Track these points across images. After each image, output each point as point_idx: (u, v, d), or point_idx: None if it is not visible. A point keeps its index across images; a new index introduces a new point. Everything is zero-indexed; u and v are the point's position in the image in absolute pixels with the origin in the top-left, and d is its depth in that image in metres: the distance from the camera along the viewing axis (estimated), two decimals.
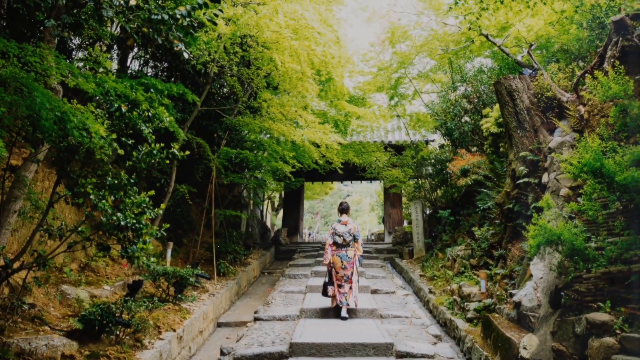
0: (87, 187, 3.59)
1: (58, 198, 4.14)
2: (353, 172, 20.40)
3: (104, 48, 6.90)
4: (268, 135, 13.41)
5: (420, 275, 14.48)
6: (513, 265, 8.24)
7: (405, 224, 23.79)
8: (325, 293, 10.51)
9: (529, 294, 5.32)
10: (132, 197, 3.77)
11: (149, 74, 9.97)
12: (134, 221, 3.74)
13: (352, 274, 10.02)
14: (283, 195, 25.31)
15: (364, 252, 11.58)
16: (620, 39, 6.14)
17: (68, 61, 3.41)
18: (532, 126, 7.96)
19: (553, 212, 4.16)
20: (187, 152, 5.41)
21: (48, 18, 2.93)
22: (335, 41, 9.17)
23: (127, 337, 6.44)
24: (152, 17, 3.05)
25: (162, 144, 4.39)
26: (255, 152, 12.42)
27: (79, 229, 3.95)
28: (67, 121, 3.03)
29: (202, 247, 13.26)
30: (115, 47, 9.17)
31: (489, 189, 12.12)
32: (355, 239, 10.30)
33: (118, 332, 6.10)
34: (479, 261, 11.07)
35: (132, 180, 3.74)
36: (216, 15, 2.99)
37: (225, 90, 12.53)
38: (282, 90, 11.06)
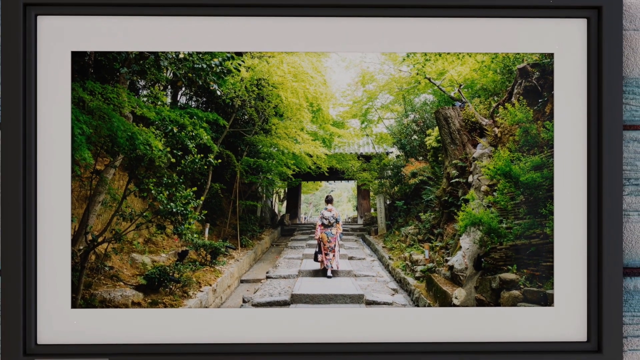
0: (149, 185, 3.58)
1: (129, 192, 4.13)
2: (336, 174, 20.14)
3: (161, 87, 6.78)
4: (276, 149, 13.23)
5: (383, 247, 14.39)
6: (448, 240, 8.20)
7: (372, 210, 23.52)
8: (315, 259, 10.48)
9: (459, 260, 5.27)
10: (181, 192, 3.76)
11: (192, 106, 9.85)
12: (182, 209, 3.73)
13: (335, 245, 10.00)
14: (286, 191, 25.00)
15: (344, 230, 11.52)
16: (523, 81, 6.13)
17: (136, 97, 3.39)
18: (461, 142, 7.92)
19: (476, 203, 4.13)
20: (219, 161, 5.37)
21: (122, 67, 2.92)
22: (323, 82, 9.03)
23: (177, 290, 6.43)
24: (195, 66, 3.06)
25: (202, 155, 4.36)
26: (267, 160, 12.27)
27: (144, 214, 3.93)
28: (135, 139, 3.04)
29: (229, 227, 13.14)
30: (169, 87, 9.04)
31: (431, 186, 12.10)
32: (337, 221, 10.28)
33: (171, 286, 6.07)
34: (424, 237, 10.99)
35: (181, 180, 3.72)
36: (240, 64, 2.99)
37: (245, 117, 12.35)
38: (286, 117, 10.91)
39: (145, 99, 2.27)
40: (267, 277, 2.92)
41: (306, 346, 1.95)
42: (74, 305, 1.94)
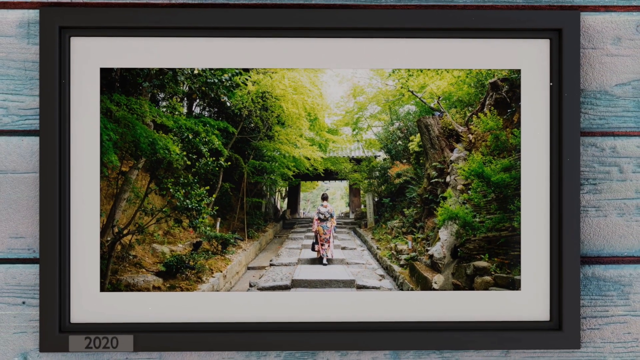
0: (168, 184, 3.57)
1: (150, 191, 4.12)
2: (330, 175, 20.09)
3: (178, 99, 6.76)
4: (278, 153, 13.13)
5: (372, 238, 14.33)
6: (428, 232, 8.14)
7: (362, 207, 23.47)
8: (313, 249, 10.45)
9: (438, 250, 5.27)
10: (195, 190, 3.75)
11: (205, 115, 9.76)
12: (197, 205, 3.72)
13: (330, 237, 9.96)
14: (287, 189, 24.89)
15: (337, 224, 11.51)
16: (494, 93, 6.13)
17: (156, 107, 3.37)
18: (440, 147, 7.88)
19: (453, 200, 4.12)
20: (229, 163, 5.35)
21: (144, 81, 2.91)
22: (319, 95, 8.97)
23: (192, 276, 6.41)
24: (208, 80, 3.05)
25: (214, 158, 4.36)
26: (270, 163, 12.16)
27: (163, 209, 3.92)
28: (156, 144, 3.03)
29: (238, 220, 13.08)
30: (185, 98, 8.98)
31: (413, 185, 12.03)
32: (331, 216, 10.24)
33: (187, 273, 6.04)
34: (407, 230, 10.92)
35: (195, 180, 3.71)
36: (247, 79, 2.99)
37: (252, 125, 12.23)
38: (287, 125, 10.81)
39: (164, 110, 2.28)
40: (271, 265, 2.93)
41: (305, 324, 1.96)
42: (103, 289, 1.95)
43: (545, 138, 1.94)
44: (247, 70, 2.21)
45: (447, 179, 2.56)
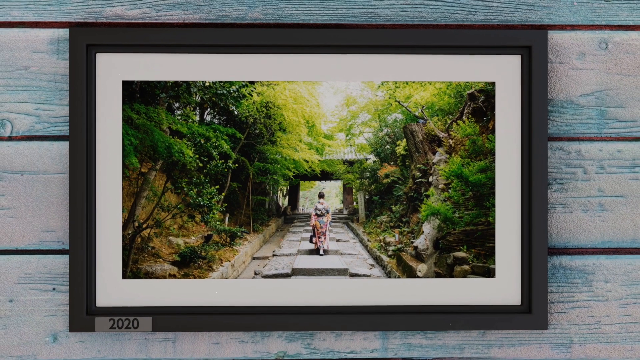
0: (182, 184, 3.57)
1: (167, 189, 4.13)
2: (326, 175, 19.91)
3: (191, 108, 6.70)
4: (280, 156, 12.97)
5: (363, 232, 14.23)
6: (413, 226, 8.09)
7: (354, 204, 23.29)
8: (310, 241, 10.38)
9: (422, 242, 5.25)
10: (207, 189, 3.75)
11: (215, 122, 9.64)
12: (208, 202, 3.72)
13: (326, 231, 9.89)
14: (288, 188, 24.62)
15: (333, 219, 11.45)
16: (472, 103, 6.10)
17: (172, 115, 3.36)
18: (424, 150, 7.83)
19: (435, 198, 4.10)
20: (236, 165, 5.31)
21: (161, 92, 2.90)
22: (316, 104, 8.91)
23: (204, 265, 6.39)
24: (218, 91, 3.05)
25: (223, 160, 4.36)
26: (273, 165, 12.00)
27: (178, 206, 3.93)
28: (171, 148, 3.03)
29: (244, 216, 12.99)
30: (197, 108, 8.88)
31: (400, 185, 11.94)
32: (327, 212, 10.18)
33: (199, 262, 6.01)
34: (394, 224, 10.84)
35: (206, 180, 3.71)
36: (252, 91, 3.00)
37: (257, 131, 12.08)
38: (288, 131, 10.69)
39: (179, 117, 2.29)
40: (273, 255, 2.93)
41: (304, 308, 1.98)
42: (124, 276, 1.96)
43: (517, 143, 1.96)
44: (252, 82, 2.22)
45: (430, 179, 2.56)
